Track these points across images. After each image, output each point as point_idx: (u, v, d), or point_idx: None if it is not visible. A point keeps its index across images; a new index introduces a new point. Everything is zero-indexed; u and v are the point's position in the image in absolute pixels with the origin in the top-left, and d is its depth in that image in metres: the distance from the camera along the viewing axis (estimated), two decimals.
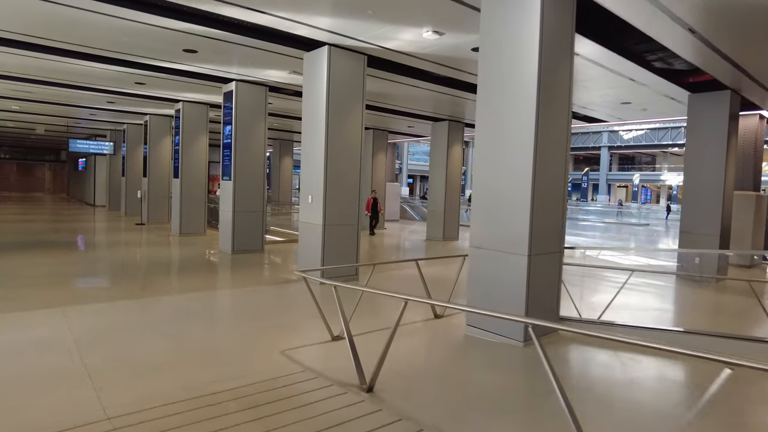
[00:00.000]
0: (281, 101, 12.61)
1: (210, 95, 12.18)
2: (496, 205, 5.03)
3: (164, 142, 16.36)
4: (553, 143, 5.00)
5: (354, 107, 7.91)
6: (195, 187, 13.70)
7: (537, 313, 4.90)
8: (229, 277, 8.29)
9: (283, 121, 16.69)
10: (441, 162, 15.00)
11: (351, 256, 8.01)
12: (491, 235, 5.07)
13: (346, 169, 7.88)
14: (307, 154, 8.00)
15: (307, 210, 7.99)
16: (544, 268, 4.99)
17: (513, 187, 4.86)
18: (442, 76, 9.78)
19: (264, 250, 10.94)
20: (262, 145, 10.87)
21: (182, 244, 12.00)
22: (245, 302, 6.43)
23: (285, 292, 7.16)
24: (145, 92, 12.10)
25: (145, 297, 6.46)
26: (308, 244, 7.92)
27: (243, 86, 10.42)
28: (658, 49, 7.54)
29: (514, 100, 4.92)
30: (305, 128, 8.08)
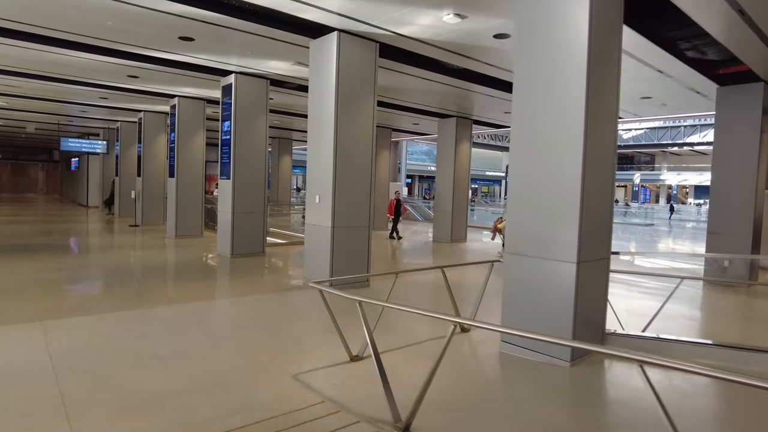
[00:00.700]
0: (282, 96, 11.96)
1: (207, 89, 11.54)
2: (539, 206, 4.42)
3: (159, 140, 15.69)
4: (603, 134, 4.40)
5: (365, 99, 7.30)
6: (191, 187, 13.04)
7: (584, 328, 4.31)
8: (230, 283, 7.66)
9: (283, 118, 16.03)
10: (448, 160, 14.40)
11: (362, 261, 7.40)
12: (532, 241, 4.46)
13: (357, 167, 7.26)
14: (315, 151, 7.38)
15: (313, 211, 7.37)
16: (592, 277, 4.39)
17: (560, 186, 4.26)
18: (455, 68, 9.18)
19: (265, 253, 10.31)
20: (263, 142, 10.24)
21: (178, 247, 11.34)
22: (249, 313, 5.81)
23: (291, 301, 6.54)
24: (138, 86, 11.44)
25: (138, 308, 5.82)
26: (315, 248, 7.30)
27: (243, 79, 9.79)
28: (694, 36, 6.95)
29: (559, 91, 4.31)
30: (312, 122, 7.46)
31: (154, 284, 7.30)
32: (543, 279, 4.37)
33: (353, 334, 4.32)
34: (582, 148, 4.13)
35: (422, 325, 5.36)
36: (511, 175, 4.68)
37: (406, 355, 4.49)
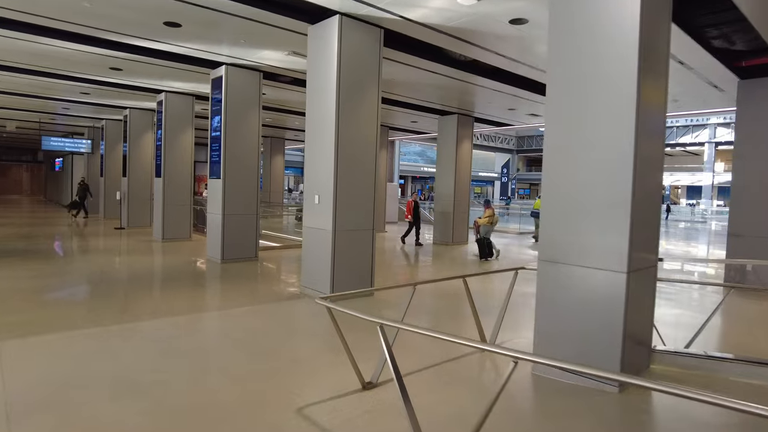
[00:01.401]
0: (275, 91, 11.31)
1: (196, 83, 10.86)
2: (582, 208, 3.83)
3: (146, 138, 14.95)
4: (654, 129, 3.83)
5: (369, 91, 6.68)
6: (179, 188, 12.35)
7: (632, 345, 3.73)
8: (220, 293, 6.99)
9: (275, 116, 15.37)
10: (449, 159, 13.83)
11: (365, 268, 6.78)
12: (572, 247, 3.86)
13: (360, 165, 6.64)
14: (313, 147, 6.74)
15: (312, 213, 6.74)
16: (641, 287, 3.81)
17: (608, 187, 3.66)
18: (462, 60, 8.60)
19: (258, 258, 9.65)
20: (256, 140, 9.58)
21: (165, 251, 10.64)
22: (242, 329, 5.15)
23: (289, 313, 5.90)
24: (122, 80, 10.73)
25: (115, 323, 5.14)
26: (315, 254, 6.67)
27: (234, 71, 9.12)
28: (727, 22, 6.43)
29: (607, 85, 3.71)
30: (310, 116, 6.83)
31: (135, 294, 6.62)
32: (585, 290, 3.78)
33: (362, 354, 3.71)
34: (633, 145, 3.55)
35: (439, 342, 4.75)
36: (547, 175, 4.08)
37: (425, 379, 3.87)
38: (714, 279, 9.51)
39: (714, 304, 6.97)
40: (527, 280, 5.46)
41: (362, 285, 6.73)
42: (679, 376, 4.05)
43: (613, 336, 3.63)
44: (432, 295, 7.21)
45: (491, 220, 11.24)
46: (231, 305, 6.13)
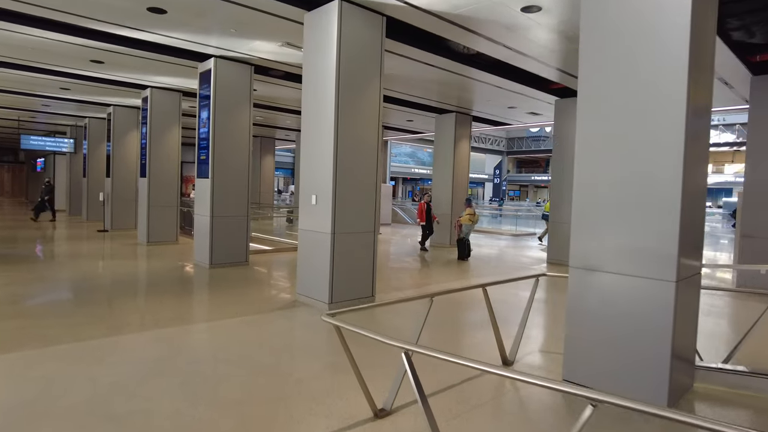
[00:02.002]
0: (266, 87, 10.81)
1: (183, 78, 10.31)
2: (623, 210, 3.39)
3: (131, 137, 14.32)
4: (701, 126, 3.41)
5: (370, 83, 6.21)
6: (165, 188, 11.78)
7: (678, 363, 3.30)
8: (210, 302, 6.46)
9: (266, 114, 14.84)
10: (447, 159, 13.40)
11: (367, 274, 6.31)
12: (612, 253, 3.42)
13: (362, 161, 6.17)
14: (310, 144, 6.26)
15: (309, 215, 6.25)
16: (688, 297, 3.38)
17: (653, 188, 3.23)
18: (466, 53, 8.17)
19: (249, 263, 9.12)
20: (246, 137, 9.05)
21: (150, 255, 10.07)
22: (234, 344, 4.64)
23: (285, 325, 5.40)
24: (104, 74, 10.14)
25: (94, 339, 4.61)
26: (311, 258, 6.18)
27: (223, 64, 8.60)
28: (751, 11, 6.07)
29: (653, 79, 3.27)
30: (307, 110, 6.34)
31: (116, 304, 6.07)
32: (627, 301, 3.34)
33: (370, 373, 3.25)
34: (683, 142, 3.12)
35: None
36: (580, 176, 3.63)
37: (447, 404, 3.40)
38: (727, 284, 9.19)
39: (734, 313, 6.61)
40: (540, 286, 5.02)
41: (363, 292, 6.26)
42: (725, 395, 3.64)
43: (660, 352, 3.20)
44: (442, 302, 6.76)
45: (473, 219, 11.18)
46: (221, 316, 5.61)
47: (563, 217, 10.85)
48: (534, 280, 4.48)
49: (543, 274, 4.52)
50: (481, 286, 3.94)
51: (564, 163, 10.87)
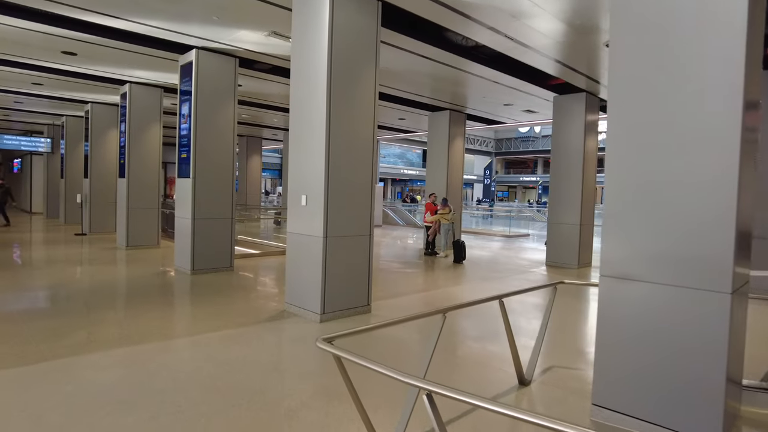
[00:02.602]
0: (252, 82, 10.27)
1: (164, 72, 9.72)
2: (666, 211, 2.93)
3: (110, 136, 13.66)
4: (755, 119, 2.97)
5: (365, 73, 5.71)
6: (146, 189, 11.16)
7: (731, 385, 2.85)
8: (189, 313, 5.90)
9: (252, 111, 14.27)
10: (441, 159, 12.94)
11: (362, 280, 5.81)
12: (653, 260, 2.96)
13: (356, 158, 5.67)
14: (300, 139, 5.74)
15: (298, 217, 5.73)
16: (741, 310, 2.94)
17: (703, 185, 2.77)
18: (463, 45, 7.71)
19: (233, 268, 8.56)
20: (231, 134, 8.50)
21: (128, 260, 9.46)
22: (216, 365, 4.11)
23: (274, 339, 4.87)
24: (78, 67, 9.52)
25: (45, 361, 4.04)
26: (301, 264, 5.66)
27: (206, 56, 8.05)
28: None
29: (704, 70, 2.82)
30: (296, 102, 5.82)
31: (83, 317, 5.49)
32: (672, 315, 2.88)
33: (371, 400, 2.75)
34: (739, 139, 2.68)
35: (466, 376, 3.83)
36: (613, 175, 3.16)
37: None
38: None
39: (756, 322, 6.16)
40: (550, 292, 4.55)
41: (358, 301, 5.76)
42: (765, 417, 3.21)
43: (713, 374, 2.74)
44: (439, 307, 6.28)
45: (449, 218, 11.22)
46: (201, 329, 5.07)
47: (562, 218, 10.45)
48: (551, 288, 4.01)
49: (561, 282, 4.06)
50: (498, 298, 3.46)
51: (563, 162, 10.47)
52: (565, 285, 4.14)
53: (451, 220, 11.47)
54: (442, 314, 2.84)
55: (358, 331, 2.41)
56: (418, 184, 58.21)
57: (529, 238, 17.96)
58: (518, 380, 3.73)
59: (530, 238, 17.93)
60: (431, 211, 11.65)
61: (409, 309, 6.30)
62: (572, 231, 10.26)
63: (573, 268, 10.12)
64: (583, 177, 10.18)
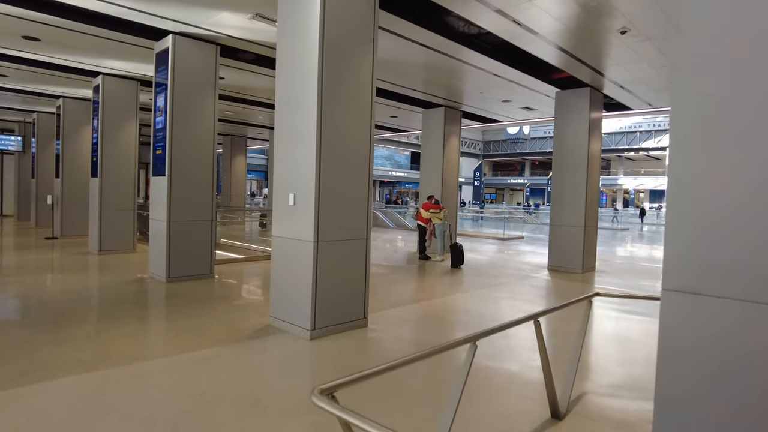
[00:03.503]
0: (235, 74, 9.56)
1: (139, 63, 8.97)
2: (759, 213, 2.31)
3: (83, 133, 12.80)
4: None
5: (361, 58, 5.07)
6: (120, 189, 10.37)
7: None
8: (157, 330, 5.18)
9: (236, 107, 13.53)
10: (435, 159, 12.33)
11: (357, 290, 5.15)
12: (742, 273, 2.33)
13: (352, 153, 5.01)
14: (287, 132, 5.06)
15: (285, 218, 5.05)
16: None
17: None
18: (464, 33, 7.11)
19: (214, 275, 7.84)
20: (211, 129, 7.78)
21: (99, 267, 8.67)
22: (183, 397, 3.41)
23: (254, 363, 4.19)
24: (44, 56, 8.73)
25: (3, 390, 3.33)
26: (288, 273, 4.97)
27: (183, 43, 7.33)
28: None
29: None
30: (282, 91, 5.15)
31: (35, 336, 4.75)
32: (763, 339, 2.26)
33: None
34: None
35: (489, 406, 3.18)
36: (680, 169, 2.54)
37: None
38: None
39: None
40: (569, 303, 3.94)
41: (353, 313, 5.09)
42: None
43: None
44: (445, 319, 5.64)
45: (442, 217, 10.83)
46: (171, 350, 4.36)
47: (565, 220, 9.90)
48: (586, 302, 3.39)
49: (597, 294, 3.45)
50: (533, 318, 2.82)
51: (566, 160, 9.92)
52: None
53: (445, 218, 10.88)
54: (472, 343, 2.20)
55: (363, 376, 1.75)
56: (406, 186, 57.74)
57: (523, 240, 17.45)
58: (551, 412, 3.10)
59: (524, 240, 17.42)
60: (426, 209, 11.00)
61: (410, 322, 5.65)
62: (576, 233, 9.71)
63: (577, 273, 9.56)
64: (588, 176, 9.64)
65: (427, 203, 11.04)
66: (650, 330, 5.60)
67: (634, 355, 4.68)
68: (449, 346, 2.10)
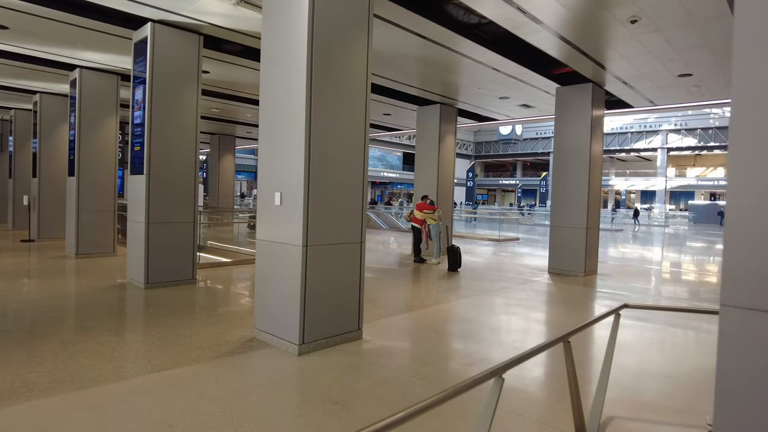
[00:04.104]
0: (221, 68, 9.06)
1: (120, 56, 8.46)
2: None
3: (61, 130, 12.21)
4: None
5: (355, 44, 4.61)
6: (99, 190, 9.82)
7: None
8: (128, 344, 4.65)
9: (222, 104, 13.02)
10: (430, 158, 11.90)
11: (350, 300, 4.69)
12: None
13: (344, 148, 4.55)
14: (273, 124, 4.59)
15: (271, 219, 4.58)
16: None
17: None
18: (464, 22, 6.69)
19: (196, 281, 7.33)
20: (194, 124, 7.28)
21: (75, 272, 8.13)
22: (158, 426, 2.93)
23: (234, 385, 3.71)
24: (16, 47, 8.17)
25: None
26: (275, 281, 4.50)
27: (164, 31, 6.83)
28: None
29: None
30: (267, 83, 4.68)
31: (10, 353, 4.25)
32: None
33: None
34: None
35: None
36: (738, 180, 2.11)
37: None
38: None
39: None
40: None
41: (346, 325, 4.63)
42: None
43: None
44: (447, 330, 5.19)
45: (440, 218, 10.47)
46: (142, 368, 3.87)
47: (566, 221, 9.50)
48: (613, 316, 2.96)
49: (625, 306, 3.02)
50: (562, 340, 2.38)
51: (568, 159, 9.53)
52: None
53: (440, 219, 10.44)
54: (498, 377, 1.75)
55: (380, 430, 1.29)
56: (398, 187, 57.33)
57: (519, 242, 17.08)
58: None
59: (520, 242, 17.05)
60: (420, 210, 10.54)
61: (409, 333, 5.20)
62: (578, 235, 9.32)
63: (579, 276, 9.17)
64: (590, 175, 9.25)
65: (421, 203, 10.59)
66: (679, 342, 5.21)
67: (665, 370, 4.26)
68: (472, 383, 1.65)
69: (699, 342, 5.30)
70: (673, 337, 5.44)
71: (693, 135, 42.71)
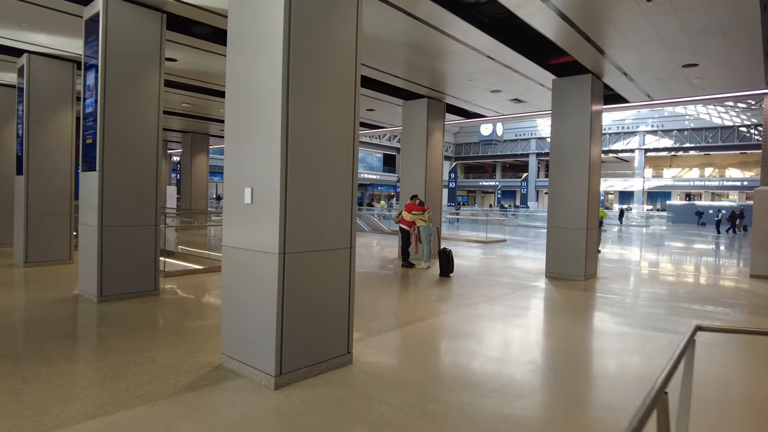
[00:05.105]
0: (190, 55, 8.19)
1: (73, 39, 7.50)
2: None
3: (11, 125, 11.11)
4: None
5: (343, 17, 3.83)
6: (52, 190, 8.80)
7: None
8: (74, 375, 3.76)
9: (194, 99, 12.06)
10: (417, 156, 11.18)
11: (339, 319, 3.90)
12: None
13: (331, 137, 3.77)
14: (240, 103, 3.78)
15: (240, 221, 3.77)
16: None
17: None
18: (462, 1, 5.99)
19: (159, 292, 6.44)
20: (155, 115, 6.39)
21: (19, 283, 7.16)
22: None
23: (207, 423, 2.89)
24: None
25: None
26: (244, 299, 3.68)
27: (120, 6, 5.94)
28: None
29: None
30: (235, 70, 3.86)
31: None
32: None
33: None
34: None
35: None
36: None
37: None
38: None
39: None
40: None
41: (333, 349, 3.84)
42: None
43: None
44: (450, 350, 4.44)
45: (430, 219, 9.78)
46: (78, 411, 3.02)
47: (565, 222, 8.88)
48: (686, 340, 2.24)
49: (700, 328, 2.32)
50: (659, 392, 1.63)
51: (566, 156, 8.91)
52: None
53: (430, 220, 9.72)
54: None
55: None
56: (379, 188, 56.56)
57: (506, 243, 16.50)
58: None
59: (508, 243, 16.47)
60: (409, 210, 9.80)
61: (406, 355, 4.45)
62: (578, 236, 8.69)
63: (579, 280, 8.54)
64: (590, 173, 8.65)
65: (410, 204, 9.85)
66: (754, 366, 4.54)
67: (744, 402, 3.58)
68: None
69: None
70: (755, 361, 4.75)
71: (669, 136, 43.07)
